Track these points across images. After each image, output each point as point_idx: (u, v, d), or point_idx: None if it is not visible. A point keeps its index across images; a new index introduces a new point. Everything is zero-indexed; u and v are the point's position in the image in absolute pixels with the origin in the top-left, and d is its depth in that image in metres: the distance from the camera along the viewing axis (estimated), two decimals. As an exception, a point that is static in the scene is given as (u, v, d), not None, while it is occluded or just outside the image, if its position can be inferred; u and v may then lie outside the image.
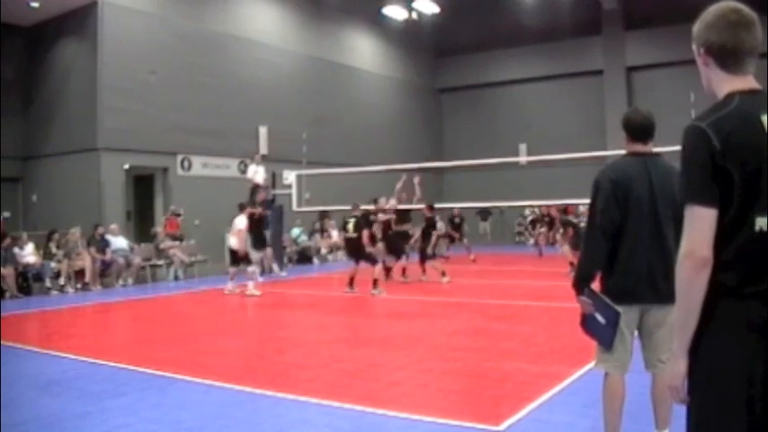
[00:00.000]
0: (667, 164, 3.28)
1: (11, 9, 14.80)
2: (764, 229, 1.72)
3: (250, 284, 11.11)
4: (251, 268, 11.34)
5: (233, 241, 11.58)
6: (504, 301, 9.97)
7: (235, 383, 5.28)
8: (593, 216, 3.21)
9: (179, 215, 15.33)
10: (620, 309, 3.12)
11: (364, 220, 11.02)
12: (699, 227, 1.74)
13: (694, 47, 1.91)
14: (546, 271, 11.69)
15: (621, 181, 3.17)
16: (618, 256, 3.18)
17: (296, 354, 6.63)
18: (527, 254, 17.93)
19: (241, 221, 11.54)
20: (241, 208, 11.95)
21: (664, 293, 3.14)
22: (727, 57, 1.84)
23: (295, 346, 7.00)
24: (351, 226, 10.97)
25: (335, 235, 19.11)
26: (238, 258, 11.48)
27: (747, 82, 1.85)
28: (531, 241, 23.20)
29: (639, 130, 3.27)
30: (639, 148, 3.27)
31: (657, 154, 3.29)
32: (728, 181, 1.72)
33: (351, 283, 11.08)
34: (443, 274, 12.35)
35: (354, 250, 11.04)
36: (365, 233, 10.80)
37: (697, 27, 1.89)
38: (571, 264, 12.41)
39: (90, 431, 4.26)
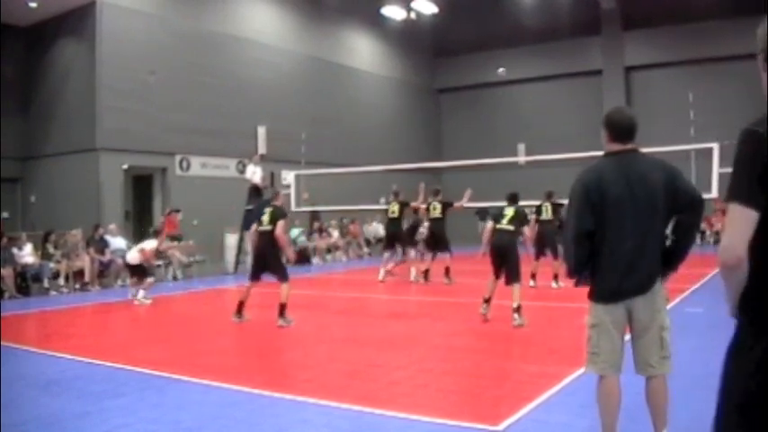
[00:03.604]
0: (648, 158, 3.29)
1: (10, 9, 14.80)
2: None
3: (141, 293, 10.69)
4: (150, 279, 10.89)
5: (134, 256, 10.90)
6: (502, 301, 9.96)
7: (233, 383, 5.28)
8: (569, 220, 3.31)
9: (178, 211, 15.32)
10: (608, 307, 3.23)
11: (282, 213, 8.38)
12: (737, 226, 1.76)
13: (759, 50, 1.93)
14: (543, 271, 11.68)
15: (594, 183, 3.22)
16: (601, 257, 3.23)
17: (295, 354, 6.64)
18: (525, 254, 17.97)
19: (150, 244, 11.02)
20: (156, 234, 11.44)
21: (646, 286, 3.19)
22: None
23: (294, 347, 7.00)
24: (266, 217, 8.32)
25: (336, 235, 19.13)
26: (137, 272, 10.97)
27: None
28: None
29: (619, 130, 3.29)
30: (618, 147, 3.29)
31: (635, 150, 3.29)
32: None
33: (240, 308, 8.37)
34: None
35: (263, 250, 8.30)
36: (280, 224, 8.12)
37: (761, 32, 1.90)
38: (533, 276, 11.82)
39: (89, 431, 4.26)
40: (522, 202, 8.84)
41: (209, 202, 16.35)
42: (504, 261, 7.61)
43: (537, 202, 12.42)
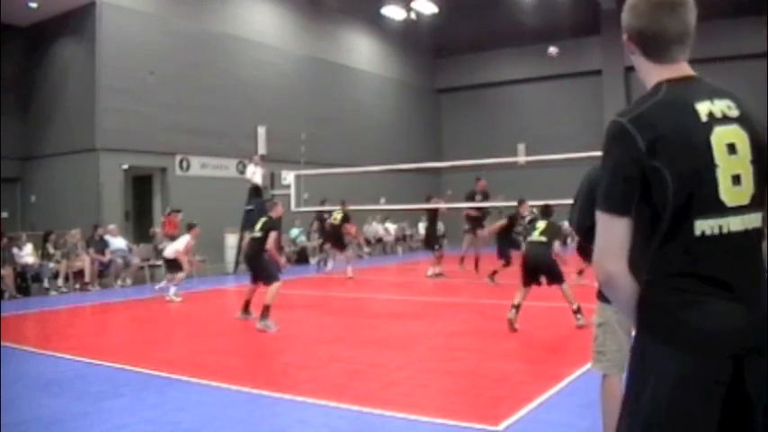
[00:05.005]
0: None
1: (9, 9, 14.78)
2: (707, 232, 1.51)
3: (172, 290, 10.95)
4: (181, 275, 11.24)
5: (172, 251, 11.46)
6: (502, 301, 9.96)
7: (233, 384, 5.27)
8: (574, 215, 3.36)
9: (178, 211, 15.30)
10: (614, 307, 3.20)
11: (274, 225, 8.53)
12: (607, 238, 1.55)
13: (624, 31, 1.69)
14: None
15: (597, 180, 3.22)
16: None
17: (294, 354, 6.63)
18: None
19: (185, 239, 11.60)
20: (189, 228, 11.88)
21: None
22: (649, 43, 1.64)
23: (293, 347, 7.00)
24: (258, 225, 8.58)
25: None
26: (173, 267, 11.43)
27: (678, 70, 1.63)
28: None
29: None
30: None
31: None
32: (661, 181, 1.50)
33: (246, 306, 8.61)
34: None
35: (253, 256, 8.51)
36: (272, 237, 8.26)
37: (623, 10, 1.68)
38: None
39: (88, 431, 4.26)
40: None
41: (209, 203, 16.33)
42: (541, 272, 7.31)
43: (541, 203, 12.44)
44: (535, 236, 7.40)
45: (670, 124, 1.53)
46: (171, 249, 11.55)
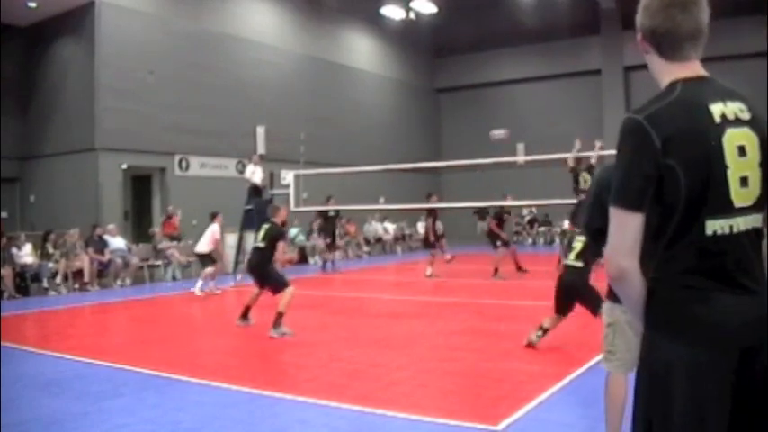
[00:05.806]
0: None
1: (8, 9, 14.78)
2: (718, 232, 1.53)
3: (199, 283, 11.34)
4: (209, 269, 11.56)
5: (204, 245, 11.91)
6: (502, 300, 9.98)
7: (233, 383, 5.27)
8: (583, 216, 3.48)
9: (171, 217, 15.32)
10: (623, 307, 3.21)
11: (280, 232, 8.10)
12: (620, 233, 1.56)
13: (638, 30, 1.72)
14: (544, 270, 11.69)
15: (606, 181, 3.23)
16: None
17: (295, 354, 6.63)
18: (525, 254, 17.99)
19: (214, 228, 12.07)
20: (212, 217, 12.27)
21: None
22: (662, 42, 1.66)
23: (294, 346, 6.99)
24: (261, 233, 8.07)
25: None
26: (207, 261, 11.87)
27: (691, 69, 1.65)
28: (530, 241, 23.37)
29: None
30: None
31: None
32: (674, 180, 1.51)
33: (245, 313, 8.18)
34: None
35: (257, 267, 7.98)
36: (281, 246, 7.96)
37: (638, 11, 1.72)
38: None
39: (89, 431, 4.26)
40: (521, 202, 8.61)
41: (209, 203, 16.29)
42: (576, 299, 6.13)
43: (538, 202, 12.48)
44: (571, 259, 6.02)
45: (685, 124, 1.54)
46: (202, 244, 11.86)
